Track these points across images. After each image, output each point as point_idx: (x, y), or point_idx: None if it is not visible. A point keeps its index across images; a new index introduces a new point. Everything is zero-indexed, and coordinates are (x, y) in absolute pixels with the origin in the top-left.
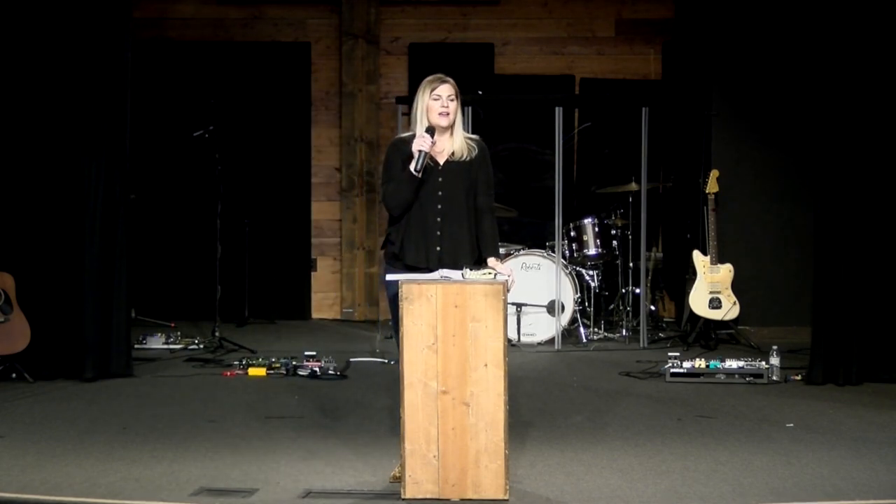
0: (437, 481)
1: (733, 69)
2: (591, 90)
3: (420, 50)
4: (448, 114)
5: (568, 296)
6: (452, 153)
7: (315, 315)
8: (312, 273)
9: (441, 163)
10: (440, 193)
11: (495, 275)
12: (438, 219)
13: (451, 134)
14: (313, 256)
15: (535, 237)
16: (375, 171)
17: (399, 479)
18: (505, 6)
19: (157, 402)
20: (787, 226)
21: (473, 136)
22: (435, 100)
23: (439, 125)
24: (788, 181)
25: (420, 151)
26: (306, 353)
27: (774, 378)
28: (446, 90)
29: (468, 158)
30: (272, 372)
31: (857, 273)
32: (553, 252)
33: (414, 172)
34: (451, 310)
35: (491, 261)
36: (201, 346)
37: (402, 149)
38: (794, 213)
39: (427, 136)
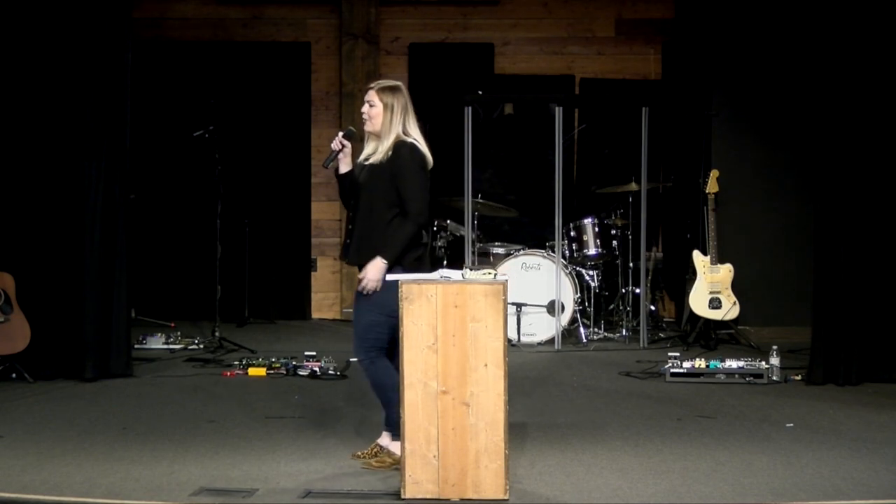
0: (437, 481)
1: (733, 69)
2: (591, 90)
3: (420, 50)
4: (367, 119)
5: (568, 296)
6: (369, 155)
7: (315, 315)
8: (312, 273)
9: (365, 164)
10: (353, 191)
11: (495, 275)
12: (350, 214)
13: (381, 137)
14: (313, 256)
15: (535, 237)
16: None
17: (360, 457)
18: (505, 6)
19: (157, 402)
20: (787, 226)
21: (406, 141)
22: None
23: (364, 129)
24: (788, 181)
25: (331, 149)
26: (306, 353)
27: (774, 378)
28: (367, 96)
29: (380, 161)
30: (272, 372)
31: (857, 273)
32: (553, 252)
33: (324, 167)
34: (451, 310)
35: (374, 261)
36: (201, 346)
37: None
38: (794, 213)
39: (339, 135)
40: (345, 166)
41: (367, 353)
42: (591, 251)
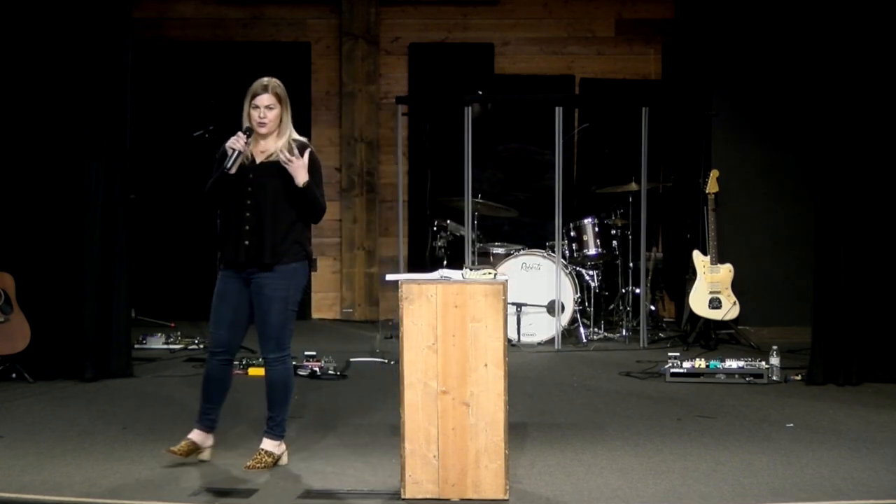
0: (437, 481)
1: (733, 69)
2: (591, 90)
3: (420, 50)
4: (265, 123)
5: (568, 296)
6: (270, 154)
7: (315, 315)
8: (312, 273)
9: (258, 162)
10: (249, 189)
11: (495, 275)
12: (247, 214)
13: (277, 136)
14: (313, 256)
15: (535, 237)
16: (376, 171)
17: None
18: (505, 6)
19: (157, 402)
20: (787, 226)
21: (299, 139)
22: (254, 108)
23: (258, 132)
24: (788, 181)
25: (232, 150)
26: (306, 353)
27: (774, 378)
28: (264, 100)
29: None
30: None
31: (857, 273)
32: (553, 252)
33: (225, 170)
34: (451, 310)
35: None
36: (201, 346)
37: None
38: (794, 213)
39: (242, 135)
40: (235, 166)
41: (285, 349)
42: (591, 251)
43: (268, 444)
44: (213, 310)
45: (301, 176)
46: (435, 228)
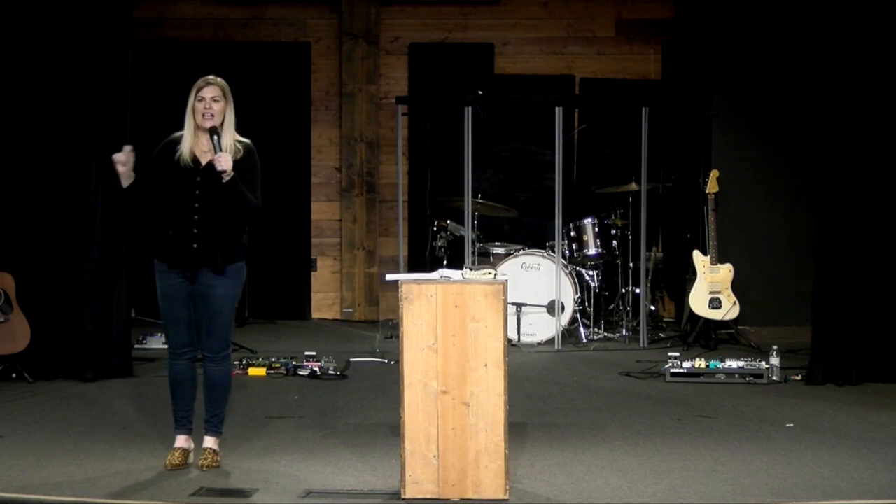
0: (437, 481)
1: (733, 69)
2: (591, 90)
3: (420, 50)
4: (212, 116)
5: (568, 296)
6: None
7: (315, 315)
8: (312, 273)
9: (203, 163)
10: (197, 192)
11: (495, 275)
12: (196, 217)
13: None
14: (313, 256)
15: (535, 237)
16: (376, 171)
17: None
18: (505, 6)
19: (157, 402)
20: (787, 226)
21: (244, 140)
22: (199, 101)
23: (203, 126)
24: (788, 181)
25: (213, 138)
26: (306, 353)
27: (774, 378)
28: (210, 92)
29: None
30: (272, 372)
31: (857, 273)
32: (553, 252)
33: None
34: (451, 310)
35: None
36: None
37: (171, 149)
38: (794, 213)
39: (213, 135)
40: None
41: (229, 346)
42: (591, 251)
43: (213, 443)
44: (165, 312)
45: (228, 171)
46: (435, 228)
